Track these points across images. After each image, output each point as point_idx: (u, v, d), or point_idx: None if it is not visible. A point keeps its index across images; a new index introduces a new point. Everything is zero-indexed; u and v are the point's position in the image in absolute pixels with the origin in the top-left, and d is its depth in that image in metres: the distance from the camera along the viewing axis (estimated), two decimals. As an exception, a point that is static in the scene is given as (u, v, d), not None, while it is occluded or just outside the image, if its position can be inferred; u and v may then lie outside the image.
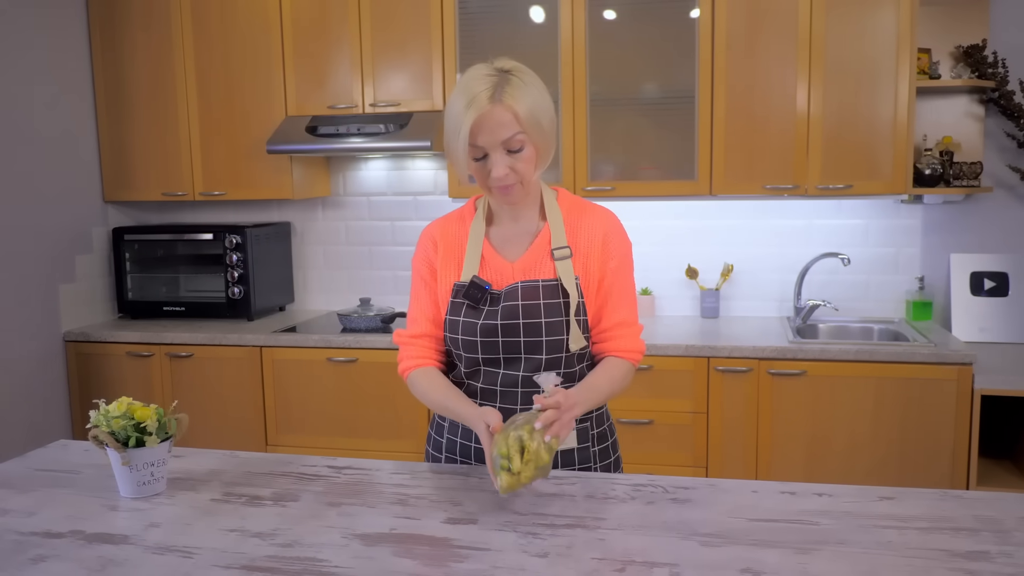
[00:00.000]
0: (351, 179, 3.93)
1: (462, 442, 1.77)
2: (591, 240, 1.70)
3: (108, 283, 3.86)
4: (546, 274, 1.68)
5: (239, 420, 3.45)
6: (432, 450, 1.85)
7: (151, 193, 3.78)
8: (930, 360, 2.90)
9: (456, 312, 1.70)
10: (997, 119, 3.32)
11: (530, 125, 1.58)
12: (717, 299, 3.59)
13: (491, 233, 1.74)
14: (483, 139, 1.57)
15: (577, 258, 1.70)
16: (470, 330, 1.68)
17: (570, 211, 1.73)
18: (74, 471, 1.76)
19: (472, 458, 1.76)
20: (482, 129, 1.56)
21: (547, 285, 1.67)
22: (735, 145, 3.21)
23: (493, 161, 1.59)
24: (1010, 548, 1.32)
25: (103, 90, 3.75)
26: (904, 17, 3.03)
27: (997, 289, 3.33)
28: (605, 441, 1.79)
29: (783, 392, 3.01)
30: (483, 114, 1.56)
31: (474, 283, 1.68)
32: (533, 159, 1.62)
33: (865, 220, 3.49)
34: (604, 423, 1.80)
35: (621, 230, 1.75)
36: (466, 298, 1.68)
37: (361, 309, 3.54)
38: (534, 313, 1.65)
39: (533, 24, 3.33)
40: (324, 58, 3.52)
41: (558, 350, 1.67)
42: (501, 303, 1.66)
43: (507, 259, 1.71)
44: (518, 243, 1.72)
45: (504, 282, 1.69)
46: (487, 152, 1.59)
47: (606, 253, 1.71)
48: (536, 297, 1.66)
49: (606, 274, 1.71)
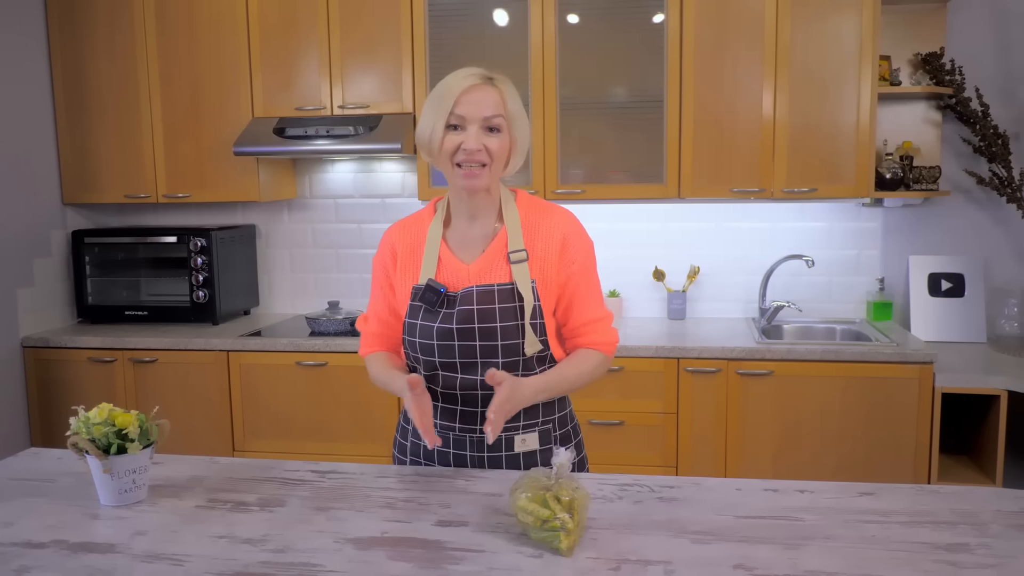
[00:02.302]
0: (318, 181, 3.90)
1: (425, 445, 1.77)
2: (549, 243, 1.71)
3: (67, 287, 3.77)
4: (502, 278, 1.69)
5: (205, 426, 3.40)
6: (398, 453, 1.86)
7: (112, 195, 3.70)
8: (893, 359, 2.97)
9: (414, 315, 1.71)
10: (954, 125, 3.42)
11: (512, 116, 1.66)
12: (684, 301, 3.63)
13: (448, 235, 1.75)
14: (466, 109, 1.62)
15: (534, 261, 1.70)
16: (427, 333, 1.68)
17: (528, 213, 1.74)
18: (49, 479, 1.72)
19: (435, 460, 1.77)
20: (469, 100, 1.62)
21: (502, 289, 1.67)
22: (703, 149, 3.26)
23: (469, 133, 1.62)
24: (988, 540, 1.37)
25: (62, 90, 3.67)
26: (867, 25, 3.11)
27: (954, 290, 3.43)
28: (569, 442, 1.79)
29: (751, 392, 3.07)
30: (474, 86, 1.63)
31: (429, 286, 1.68)
32: (506, 149, 1.66)
33: (827, 223, 3.57)
34: (568, 424, 1.81)
35: (580, 230, 1.76)
36: (422, 301, 1.69)
37: (330, 312, 3.52)
38: (489, 317, 1.66)
39: (503, 28, 3.34)
40: (292, 59, 3.49)
41: (515, 354, 1.67)
42: (457, 307, 1.67)
43: (463, 261, 1.72)
44: (475, 245, 1.73)
45: (460, 284, 1.70)
46: (465, 124, 1.63)
47: (567, 256, 1.72)
48: (491, 301, 1.66)
49: (570, 276, 1.72)
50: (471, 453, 1.73)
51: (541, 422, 1.75)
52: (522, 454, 1.73)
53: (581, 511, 1.37)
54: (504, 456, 1.73)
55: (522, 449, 1.73)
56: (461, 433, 1.73)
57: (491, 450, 1.72)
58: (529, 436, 1.73)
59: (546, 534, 1.35)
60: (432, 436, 1.58)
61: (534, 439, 1.74)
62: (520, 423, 1.72)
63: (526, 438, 1.73)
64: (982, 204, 3.46)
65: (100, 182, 3.70)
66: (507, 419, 1.61)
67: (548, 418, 1.76)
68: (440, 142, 1.64)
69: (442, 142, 1.64)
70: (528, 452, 1.74)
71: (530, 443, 1.73)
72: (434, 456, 1.77)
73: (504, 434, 1.72)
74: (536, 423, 1.74)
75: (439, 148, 1.65)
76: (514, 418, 1.71)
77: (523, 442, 1.73)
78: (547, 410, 1.76)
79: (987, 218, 3.46)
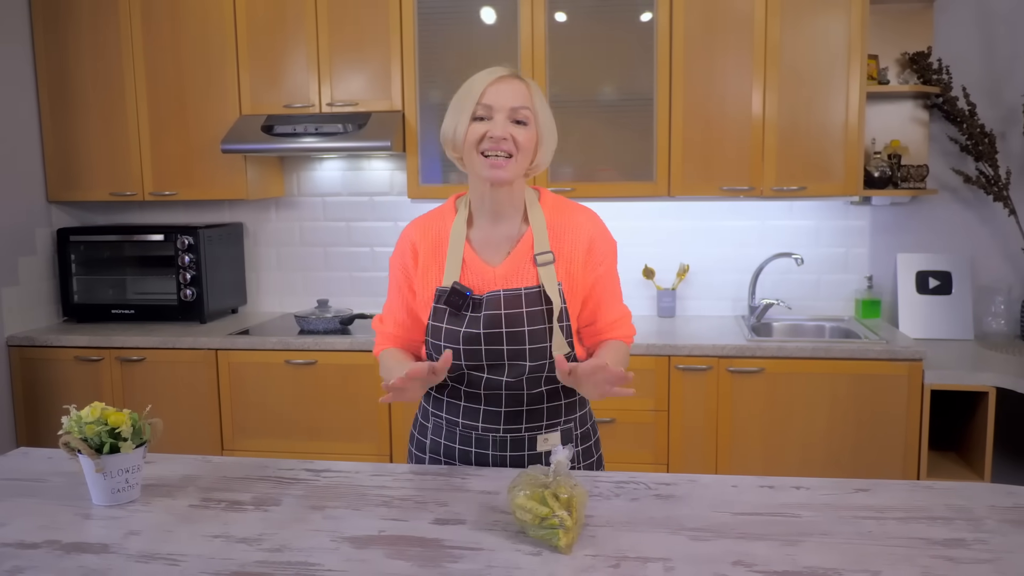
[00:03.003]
0: (305, 179, 3.88)
1: (446, 443, 1.76)
2: (575, 245, 1.71)
3: (52, 286, 3.73)
4: (528, 281, 1.68)
5: (194, 425, 3.37)
6: (416, 450, 1.84)
7: (98, 193, 3.67)
8: (882, 357, 2.99)
9: (439, 318, 1.69)
10: (941, 124, 3.45)
11: (539, 108, 1.66)
12: (673, 299, 3.64)
13: (472, 236, 1.73)
14: (493, 99, 1.63)
15: (560, 263, 1.69)
16: (453, 337, 1.67)
17: (553, 214, 1.73)
18: (39, 479, 1.70)
19: (456, 459, 1.76)
20: (496, 91, 1.63)
21: (529, 293, 1.66)
22: (693, 147, 3.26)
23: (496, 122, 1.62)
24: (984, 535, 1.37)
25: (47, 86, 3.63)
26: (855, 24, 3.12)
27: (941, 288, 3.45)
28: (588, 440, 1.80)
29: (742, 389, 3.08)
30: (501, 78, 1.64)
31: (455, 289, 1.66)
32: (532, 141, 1.65)
33: (816, 221, 3.58)
34: (587, 423, 1.81)
35: (605, 231, 1.76)
36: (447, 304, 1.67)
37: (319, 311, 3.50)
38: (517, 322, 1.65)
39: (493, 25, 3.34)
40: (280, 56, 3.47)
41: (542, 357, 1.67)
42: (483, 311, 1.65)
43: (489, 264, 1.70)
44: (500, 248, 1.71)
45: (486, 287, 1.68)
46: (492, 114, 1.63)
47: (593, 259, 1.71)
48: (519, 306, 1.65)
49: (598, 279, 1.72)
50: (493, 452, 1.72)
51: (563, 421, 1.74)
52: (544, 453, 1.72)
53: (579, 509, 1.37)
54: (527, 456, 1.72)
55: (544, 448, 1.72)
56: (484, 432, 1.71)
57: (513, 449, 1.71)
58: (552, 436, 1.73)
59: (544, 532, 1.34)
60: (397, 381, 1.51)
61: (556, 438, 1.73)
62: (543, 423, 1.72)
63: (548, 437, 1.72)
64: (969, 203, 3.49)
65: (86, 180, 3.67)
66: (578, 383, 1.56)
67: (570, 417, 1.76)
68: (465, 132, 1.63)
69: (467, 132, 1.63)
70: (550, 452, 1.73)
71: (552, 442, 1.73)
72: (455, 454, 1.75)
73: (527, 434, 1.71)
74: (558, 422, 1.74)
75: (464, 138, 1.64)
76: (537, 418, 1.71)
77: (546, 441, 1.72)
78: (569, 410, 1.75)
79: (974, 216, 3.49)
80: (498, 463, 1.72)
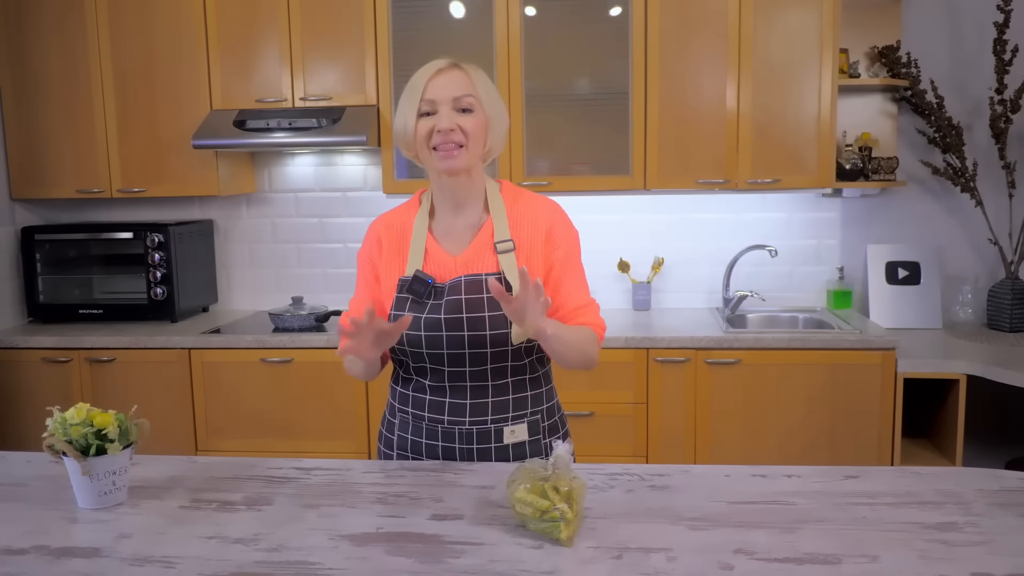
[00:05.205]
0: (277, 175, 3.83)
1: (412, 439, 1.76)
2: (534, 232, 1.72)
3: (17, 285, 3.64)
4: (489, 268, 1.69)
5: (167, 426, 3.31)
6: (384, 448, 1.83)
7: (64, 190, 3.58)
8: (856, 346, 3.03)
9: (401, 307, 1.70)
10: (910, 116, 3.50)
11: (482, 94, 1.67)
12: (648, 292, 3.66)
13: (434, 226, 1.75)
14: (435, 92, 1.64)
15: (520, 251, 1.71)
16: (414, 324, 1.67)
17: (513, 203, 1.75)
18: (20, 483, 1.65)
19: (423, 454, 1.75)
20: (437, 84, 1.65)
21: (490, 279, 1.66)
22: (668, 141, 3.28)
23: (441, 115, 1.64)
24: (974, 518, 1.40)
25: (8, 81, 3.53)
26: (827, 19, 3.16)
27: (910, 278, 3.51)
28: (556, 432, 1.80)
29: (719, 380, 3.10)
30: (440, 70, 1.65)
31: (417, 277, 1.68)
32: (482, 127, 1.66)
33: (788, 213, 3.63)
34: (555, 415, 1.81)
35: (566, 219, 1.77)
36: (410, 292, 1.69)
37: (294, 308, 3.46)
38: (478, 307, 1.66)
39: (468, 19, 3.32)
40: (251, 49, 3.41)
41: (502, 343, 1.67)
42: (445, 297, 1.67)
43: (450, 253, 1.72)
44: (461, 237, 1.73)
45: (447, 276, 1.70)
46: (436, 108, 1.64)
47: (551, 244, 1.73)
48: (480, 291, 1.66)
49: (555, 262, 1.73)
50: (460, 446, 1.71)
51: (530, 413, 1.74)
52: (511, 445, 1.72)
53: (579, 501, 1.36)
54: (493, 448, 1.71)
55: (511, 440, 1.72)
56: (450, 425, 1.71)
57: (480, 442, 1.71)
58: (518, 427, 1.72)
59: (545, 525, 1.34)
60: (344, 323, 1.49)
61: (523, 430, 1.73)
62: (509, 414, 1.72)
63: (515, 429, 1.72)
64: (936, 194, 3.55)
65: (51, 177, 3.58)
66: (519, 314, 1.51)
67: (536, 409, 1.76)
68: (414, 130, 1.65)
69: (416, 129, 1.65)
70: (517, 443, 1.73)
71: (519, 434, 1.73)
72: (422, 449, 1.75)
73: (492, 426, 1.71)
74: (525, 414, 1.73)
75: (414, 136, 1.65)
76: (502, 409, 1.71)
77: (512, 433, 1.72)
78: (535, 401, 1.75)
79: (941, 207, 3.56)
80: (465, 457, 1.71)
